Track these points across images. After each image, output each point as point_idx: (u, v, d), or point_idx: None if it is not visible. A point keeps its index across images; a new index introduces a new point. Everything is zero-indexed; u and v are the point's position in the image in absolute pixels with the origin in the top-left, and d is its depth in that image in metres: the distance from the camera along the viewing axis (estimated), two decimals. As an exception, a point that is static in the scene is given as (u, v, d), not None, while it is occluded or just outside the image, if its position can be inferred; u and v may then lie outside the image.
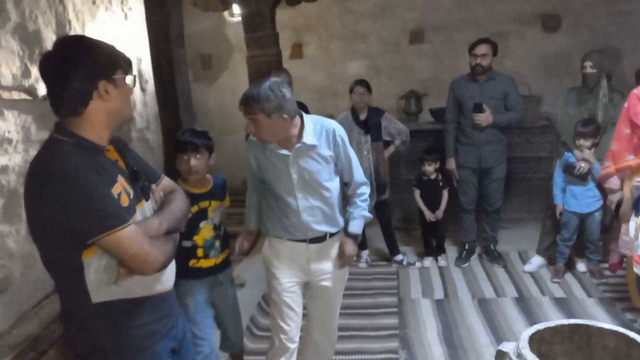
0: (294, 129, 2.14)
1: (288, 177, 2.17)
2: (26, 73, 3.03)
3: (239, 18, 4.59)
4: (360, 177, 2.35)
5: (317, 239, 2.26)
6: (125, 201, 1.37)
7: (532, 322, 3.13)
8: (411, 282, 3.96)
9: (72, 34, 2.85)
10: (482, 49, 3.79)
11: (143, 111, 4.87)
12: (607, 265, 3.78)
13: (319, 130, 2.19)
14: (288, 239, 2.26)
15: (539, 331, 1.79)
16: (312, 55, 5.51)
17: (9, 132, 2.93)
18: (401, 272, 4.13)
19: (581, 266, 3.94)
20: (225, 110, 5.87)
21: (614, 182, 3.26)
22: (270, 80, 2.08)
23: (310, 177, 2.17)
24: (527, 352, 1.63)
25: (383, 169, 4.12)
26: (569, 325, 1.85)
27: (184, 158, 2.26)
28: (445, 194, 4.16)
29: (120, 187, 1.37)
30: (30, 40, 3.10)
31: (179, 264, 1.61)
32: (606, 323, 1.88)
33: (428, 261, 4.24)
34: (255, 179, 2.36)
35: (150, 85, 4.79)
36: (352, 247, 2.32)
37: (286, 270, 2.28)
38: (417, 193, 4.20)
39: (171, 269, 1.55)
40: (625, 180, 3.19)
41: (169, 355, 1.52)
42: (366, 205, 2.38)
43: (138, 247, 1.32)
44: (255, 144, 2.24)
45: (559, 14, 5.00)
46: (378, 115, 4.04)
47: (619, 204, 3.16)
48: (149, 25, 2.34)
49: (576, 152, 3.65)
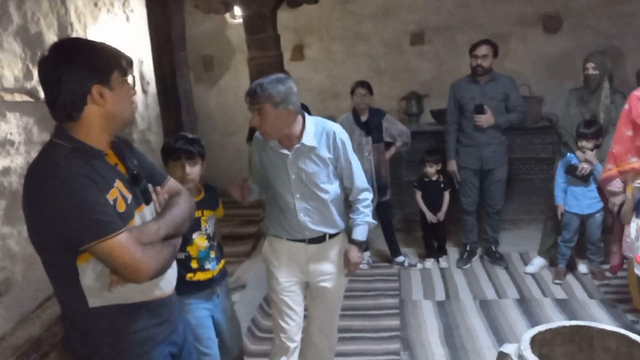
0: (296, 127, 2.14)
1: (286, 177, 2.19)
2: (28, 75, 3.03)
3: (240, 20, 4.59)
4: (362, 183, 2.31)
5: (316, 240, 2.26)
6: (121, 207, 1.35)
7: (533, 323, 3.13)
8: (412, 283, 3.96)
9: (67, 37, 2.85)
10: (483, 49, 3.79)
11: (144, 113, 4.88)
12: (608, 266, 3.77)
13: (319, 132, 2.19)
14: (287, 239, 2.27)
15: (540, 333, 1.79)
16: (314, 57, 5.51)
17: (11, 134, 2.93)
18: (402, 274, 4.13)
19: (582, 267, 3.93)
20: (227, 111, 5.88)
21: (616, 185, 3.25)
22: (277, 74, 2.10)
23: (308, 178, 2.18)
24: (528, 353, 1.63)
25: (384, 170, 4.13)
26: (570, 326, 1.84)
27: (177, 166, 2.19)
28: (446, 195, 4.16)
29: (116, 192, 1.35)
30: (32, 43, 3.11)
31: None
32: (608, 324, 1.87)
33: (429, 262, 4.24)
34: (258, 175, 2.38)
35: (152, 87, 4.80)
36: (356, 255, 2.29)
37: (285, 270, 2.29)
38: (418, 194, 4.20)
39: (171, 274, 1.52)
40: (628, 182, 3.18)
41: None
42: (369, 211, 2.34)
43: (129, 256, 1.29)
44: (259, 140, 2.26)
45: (560, 15, 4.99)
46: (379, 117, 4.04)
47: (621, 206, 3.15)
48: (151, 27, 2.35)
49: (578, 153, 3.64)
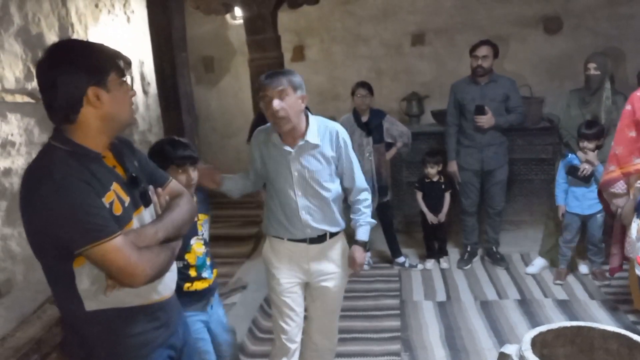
0: (301, 123, 2.16)
1: (288, 174, 2.19)
2: (29, 76, 3.04)
3: (241, 21, 4.60)
4: (362, 183, 2.35)
5: (317, 240, 2.26)
6: (118, 210, 1.34)
7: (534, 324, 3.12)
8: (413, 284, 3.96)
9: (63, 39, 2.84)
10: (483, 50, 3.79)
11: (145, 114, 4.88)
12: (608, 267, 3.77)
13: (322, 130, 2.21)
14: (288, 239, 2.26)
15: (541, 333, 1.79)
16: (314, 58, 5.52)
17: (12, 134, 2.94)
18: (403, 274, 4.13)
19: (583, 268, 3.93)
20: (227, 112, 5.89)
21: (620, 187, 3.23)
22: None
23: (311, 176, 2.18)
24: (529, 354, 1.63)
25: (385, 171, 4.13)
26: (571, 327, 1.84)
27: (181, 172, 2.10)
28: (447, 196, 4.16)
29: (112, 195, 1.33)
30: (33, 44, 3.11)
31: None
32: (609, 325, 1.87)
33: (430, 263, 4.23)
34: (254, 172, 2.35)
35: (153, 88, 4.81)
36: (361, 255, 2.33)
37: (286, 271, 2.29)
38: (419, 195, 4.20)
39: (170, 278, 1.50)
40: (631, 184, 3.17)
41: None
42: (369, 211, 2.38)
43: (124, 260, 1.27)
44: (261, 136, 2.25)
45: (560, 16, 5.00)
46: (380, 118, 4.04)
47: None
48: (152, 28, 2.35)
49: (580, 154, 3.64)
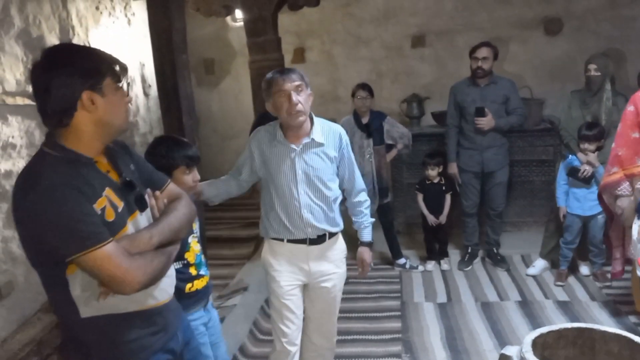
0: (307, 121, 2.19)
1: (292, 171, 2.19)
2: (29, 79, 3.05)
3: (242, 23, 4.61)
4: (361, 184, 2.42)
5: (317, 240, 2.26)
6: (110, 216, 1.32)
7: (535, 325, 3.12)
8: (414, 285, 3.95)
9: (59, 43, 2.85)
10: (483, 52, 3.79)
11: (146, 116, 4.89)
12: (610, 268, 3.76)
13: (326, 130, 2.25)
14: (288, 240, 2.26)
15: (542, 335, 1.78)
16: (315, 60, 5.53)
17: (12, 137, 2.94)
18: (404, 276, 4.12)
19: (584, 269, 3.92)
20: (228, 114, 5.90)
21: (625, 188, 3.22)
22: None
23: (315, 174, 2.20)
24: (530, 356, 1.62)
25: (385, 172, 4.13)
26: (573, 329, 1.84)
27: (186, 173, 2.05)
28: (448, 198, 4.15)
29: (104, 201, 1.31)
30: (34, 46, 3.12)
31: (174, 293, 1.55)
32: (610, 327, 1.87)
33: (431, 265, 4.23)
34: (242, 168, 2.30)
35: (154, 90, 4.82)
36: (369, 256, 2.46)
37: (286, 274, 2.28)
38: (420, 197, 4.20)
39: (167, 282, 1.49)
40: (635, 185, 3.16)
41: None
42: (369, 211, 2.48)
43: (115, 267, 1.25)
44: (262, 135, 2.24)
45: (561, 18, 5.00)
46: (380, 119, 4.04)
47: None
48: (152, 30, 2.35)
49: (580, 155, 3.64)
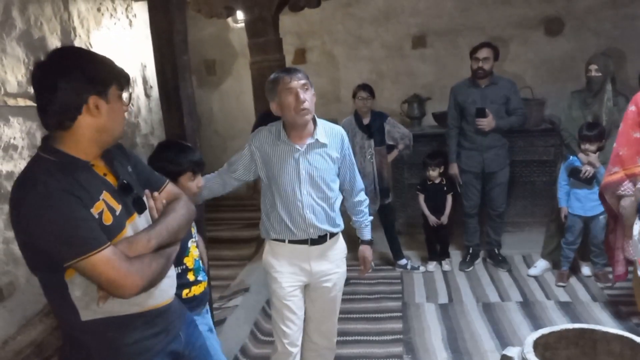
0: (310, 121, 2.20)
1: (296, 172, 2.19)
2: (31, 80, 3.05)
3: (243, 24, 4.61)
4: (361, 183, 2.46)
5: (318, 241, 2.27)
6: (108, 220, 1.31)
7: (536, 326, 3.12)
8: (415, 286, 3.95)
9: (67, 45, 2.85)
10: (484, 52, 3.79)
11: (148, 117, 4.89)
12: (611, 269, 3.75)
13: (329, 131, 2.26)
14: (289, 241, 2.26)
15: (543, 336, 1.78)
16: (316, 61, 5.53)
17: (14, 138, 2.95)
18: (405, 277, 4.12)
19: (586, 270, 3.92)
20: (229, 115, 5.90)
21: (628, 188, 3.22)
22: None
23: (318, 174, 2.21)
24: (531, 357, 1.63)
25: (386, 173, 4.13)
26: (574, 330, 1.84)
27: (192, 179, 2.02)
28: (449, 198, 4.15)
29: (102, 205, 1.31)
30: (35, 47, 3.13)
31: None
32: (611, 327, 1.87)
33: (432, 265, 4.23)
34: (237, 167, 2.28)
35: (155, 91, 4.82)
36: (370, 254, 2.53)
37: (288, 275, 2.29)
38: (421, 198, 4.20)
39: (167, 283, 1.49)
40: (636, 185, 3.15)
41: None
42: (368, 210, 2.53)
43: (114, 271, 1.25)
44: (264, 135, 2.23)
45: (561, 17, 5.00)
46: (381, 120, 4.04)
47: None
48: (153, 31, 2.34)
49: (581, 155, 3.63)
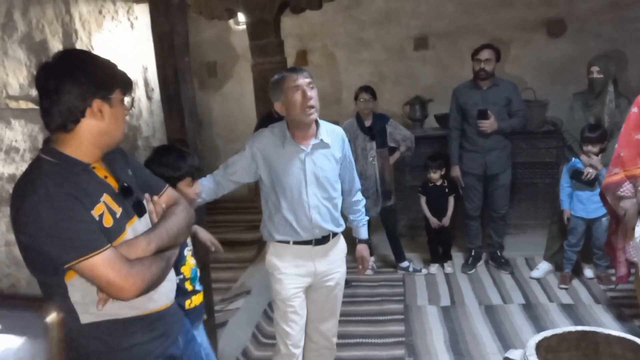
0: (314, 123, 2.21)
1: (302, 173, 2.18)
2: (33, 83, 3.05)
3: (244, 26, 4.62)
4: (359, 183, 2.50)
5: (321, 241, 2.28)
6: (108, 222, 1.32)
7: (539, 328, 3.11)
8: (417, 288, 3.95)
9: (72, 48, 2.86)
10: (486, 54, 3.79)
11: (149, 119, 4.90)
12: (614, 271, 3.74)
13: (330, 132, 2.28)
14: (294, 242, 2.26)
15: (545, 338, 1.78)
16: (317, 63, 5.53)
17: (16, 141, 2.96)
18: (407, 279, 4.12)
19: (588, 272, 3.90)
20: (231, 117, 5.91)
21: (627, 189, 3.21)
22: None
23: (323, 175, 2.22)
24: (533, 359, 1.62)
25: (388, 175, 4.12)
26: (576, 332, 1.83)
27: (191, 184, 2.00)
28: (451, 200, 4.14)
29: (102, 207, 1.31)
30: (37, 50, 3.14)
31: None
32: (614, 329, 1.86)
33: (434, 268, 4.22)
34: (236, 169, 2.24)
35: (156, 94, 4.83)
36: (368, 252, 2.56)
37: (292, 276, 2.29)
38: (423, 200, 4.19)
39: (167, 287, 1.48)
40: (637, 186, 3.14)
41: None
42: (364, 209, 2.56)
43: (114, 274, 1.25)
44: (267, 137, 2.21)
45: (563, 19, 4.99)
46: (383, 122, 4.04)
47: None
48: (154, 34, 2.35)
49: (583, 157, 3.62)
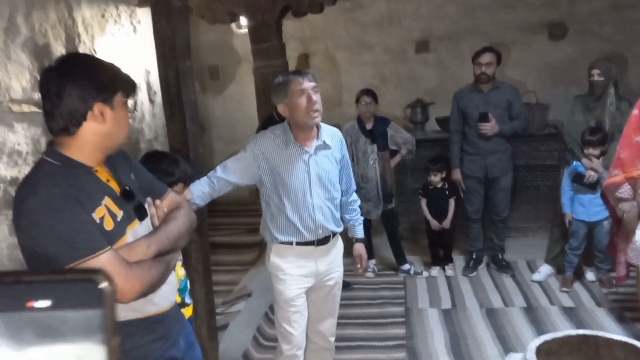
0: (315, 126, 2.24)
1: (306, 174, 2.20)
2: (36, 86, 3.07)
3: (246, 30, 4.63)
4: (354, 183, 2.54)
5: (323, 241, 2.30)
6: (109, 225, 1.32)
7: (540, 332, 3.10)
8: (418, 291, 3.94)
9: (76, 52, 2.87)
10: (487, 57, 3.79)
11: (152, 122, 4.91)
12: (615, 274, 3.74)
13: (330, 133, 2.30)
14: (297, 243, 2.27)
15: (546, 342, 1.78)
16: (319, 65, 5.54)
17: (18, 144, 2.97)
18: (408, 282, 4.11)
19: (590, 275, 3.90)
20: (233, 120, 5.92)
21: (626, 191, 3.21)
22: None
23: (326, 176, 2.25)
24: (533, 363, 1.62)
25: (389, 178, 4.13)
26: (577, 336, 1.83)
27: (180, 189, 1.99)
28: (451, 202, 4.14)
29: (103, 210, 1.32)
30: (39, 54, 3.15)
31: None
32: (616, 333, 1.86)
33: (435, 270, 4.22)
34: (235, 171, 2.23)
35: (159, 97, 4.85)
36: (365, 250, 2.57)
37: (296, 277, 2.30)
38: (423, 202, 4.20)
39: (167, 289, 1.48)
40: (638, 189, 3.14)
41: None
42: (359, 209, 2.59)
43: (113, 275, 1.20)
44: (269, 139, 2.22)
45: (565, 22, 4.99)
46: (384, 125, 4.05)
47: None
48: (156, 37, 2.36)
49: (585, 160, 3.62)
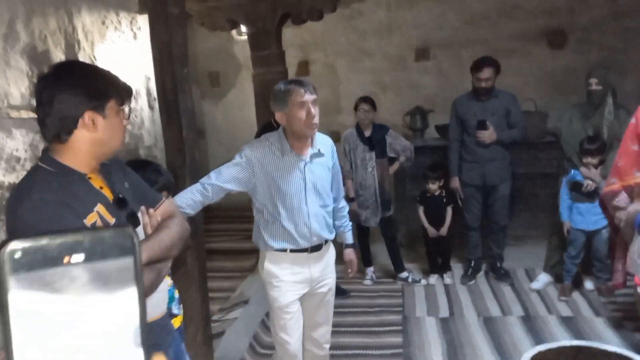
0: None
1: (302, 182, 2.21)
2: (34, 92, 3.08)
3: (246, 37, 4.65)
4: (343, 190, 2.59)
5: (316, 248, 2.31)
6: None
7: (538, 341, 3.09)
8: (416, 299, 3.93)
9: (70, 60, 2.88)
10: (486, 73, 3.73)
11: (151, 128, 4.92)
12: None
13: (322, 142, 2.31)
14: (291, 250, 2.27)
15: (540, 352, 1.76)
16: (318, 73, 5.56)
17: (17, 150, 2.97)
18: (406, 290, 4.10)
19: (589, 284, 3.88)
20: (233, 126, 5.94)
21: (622, 200, 3.21)
22: None
23: (320, 184, 2.26)
24: (527, 373, 1.61)
25: (388, 185, 4.13)
26: (572, 346, 1.82)
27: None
28: (449, 210, 4.13)
29: (95, 217, 1.32)
30: (39, 60, 3.16)
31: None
32: (614, 343, 1.85)
33: (433, 278, 4.20)
34: (228, 178, 2.19)
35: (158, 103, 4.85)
36: (355, 255, 2.59)
37: (290, 284, 2.30)
38: (421, 209, 4.18)
39: (158, 298, 1.49)
40: (635, 198, 3.14)
41: None
42: (348, 215, 2.62)
43: None
44: (265, 147, 2.21)
45: (564, 30, 5.01)
46: (383, 132, 4.05)
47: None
48: (154, 44, 2.38)
49: (583, 169, 3.60)
